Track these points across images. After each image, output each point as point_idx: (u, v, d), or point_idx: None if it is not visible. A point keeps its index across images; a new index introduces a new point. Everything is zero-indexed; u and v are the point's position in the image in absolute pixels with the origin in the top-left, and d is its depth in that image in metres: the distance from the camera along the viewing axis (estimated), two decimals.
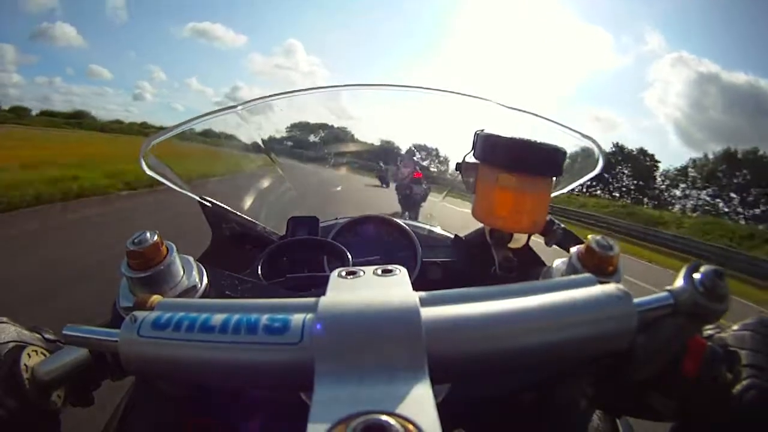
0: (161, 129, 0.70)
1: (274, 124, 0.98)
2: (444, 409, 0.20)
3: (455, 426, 0.34)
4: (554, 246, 0.60)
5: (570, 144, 0.68)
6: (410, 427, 0.18)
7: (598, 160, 0.71)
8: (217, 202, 0.76)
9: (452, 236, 0.87)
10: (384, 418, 0.18)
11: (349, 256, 0.66)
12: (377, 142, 1.59)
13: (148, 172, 0.63)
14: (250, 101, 0.81)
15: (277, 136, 1.09)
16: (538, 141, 0.52)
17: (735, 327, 0.32)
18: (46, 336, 0.33)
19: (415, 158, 1.51)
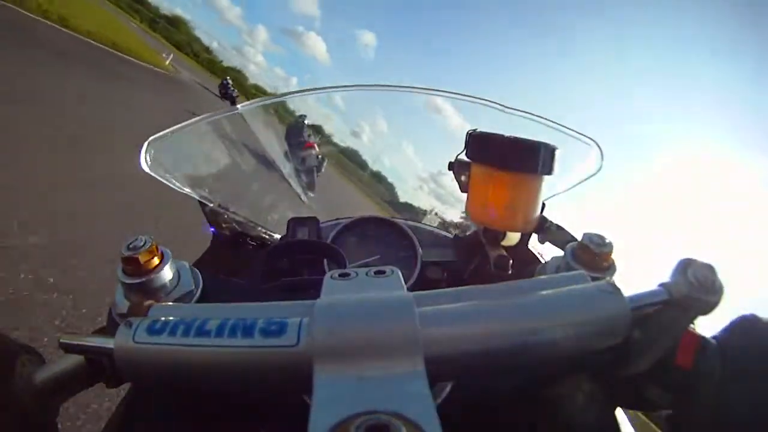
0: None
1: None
2: (444, 407, 0.20)
3: (455, 423, 0.34)
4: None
5: (571, 145, 0.68)
6: (411, 426, 0.18)
7: (597, 161, 0.71)
8: (217, 202, 0.76)
9: (452, 236, 0.87)
10: (385, 417, 0.18)
11: (345, 258, 0.66)
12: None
13: (147, 170, 0.61)
14: (250, 102, 0.81)
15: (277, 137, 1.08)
16: (529, 138, 0.52)
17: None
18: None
19: (305, 123, 1.42)
